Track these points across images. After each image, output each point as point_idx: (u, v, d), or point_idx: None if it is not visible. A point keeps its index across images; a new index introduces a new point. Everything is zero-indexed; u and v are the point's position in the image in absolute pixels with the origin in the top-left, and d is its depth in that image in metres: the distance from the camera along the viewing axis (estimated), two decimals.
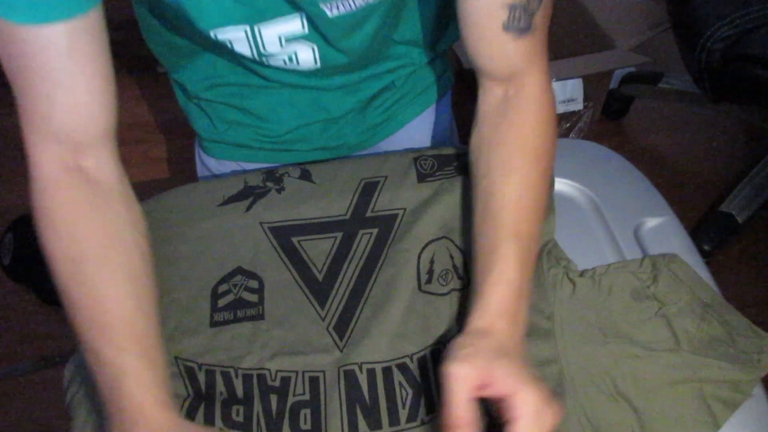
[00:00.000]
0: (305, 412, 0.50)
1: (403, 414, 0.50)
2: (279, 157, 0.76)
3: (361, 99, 0.72)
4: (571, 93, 1.43)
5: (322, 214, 0.61)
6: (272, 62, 0.58)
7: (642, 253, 0.58)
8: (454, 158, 0.64)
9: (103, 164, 0.51)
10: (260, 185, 0.63)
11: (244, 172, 0.67)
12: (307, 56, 0.58)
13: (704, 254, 1.22)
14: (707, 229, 1.27)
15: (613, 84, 1.47)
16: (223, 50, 0.58)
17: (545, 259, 0.56)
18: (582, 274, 0.55)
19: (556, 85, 1.41)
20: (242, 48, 0.56)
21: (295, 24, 0.55)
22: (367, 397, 0.50)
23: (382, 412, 0.50)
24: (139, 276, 0.51)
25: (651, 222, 0.61)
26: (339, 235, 0.59)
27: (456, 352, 0.45)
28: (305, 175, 0.64)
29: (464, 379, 0.43)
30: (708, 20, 1.03)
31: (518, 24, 0.51)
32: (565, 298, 0.54)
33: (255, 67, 0.63)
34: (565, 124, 1.47)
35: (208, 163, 0.79)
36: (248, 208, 0.61)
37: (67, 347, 1.15)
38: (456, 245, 0.58)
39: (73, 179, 0.49)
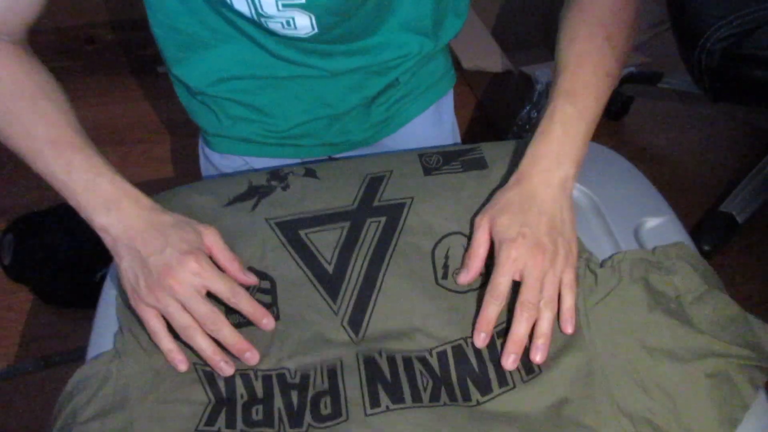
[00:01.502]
0: (325, 400, 0.49)
1: (425, 396, 0.49)
2: (284, 152, 0.76)
3: (366, 96, 0.72)
4: None
5: (328, 205, 0.60)
6: (271, 25, 0.58)
7: None
8: (458, 154, 0.64)
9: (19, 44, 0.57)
10: (264, 184, 0.63)
11: (248, 172, 0.67)
12: (304, 23, 0.58)
13: (704, 254, 1.22)
14: (707, 229, 1.27)
15: None
16: (226, 8, 0.58)
17: None
18: (602, 265, 0.56)
19: None
20: (241, 6, 0.56)
21: None
22: (388, 375, 0.50)
23: (405, 389, 0.49)
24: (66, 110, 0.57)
25: (651, 222, 0.61)
26: (346, 224, 0.59)
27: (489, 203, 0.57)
28: (310, 173, 0.64)
29: (478, 227, 0.55)
30: (708, 20, 1.03)
31: None
32: (587, 289, 0.54)
33: (256, 35, 0.62)
34: None
35: (212, 158, 0.79)
36: (254, 207, 0.61)
37: (67, 347, 1.15)
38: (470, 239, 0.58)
39: None
